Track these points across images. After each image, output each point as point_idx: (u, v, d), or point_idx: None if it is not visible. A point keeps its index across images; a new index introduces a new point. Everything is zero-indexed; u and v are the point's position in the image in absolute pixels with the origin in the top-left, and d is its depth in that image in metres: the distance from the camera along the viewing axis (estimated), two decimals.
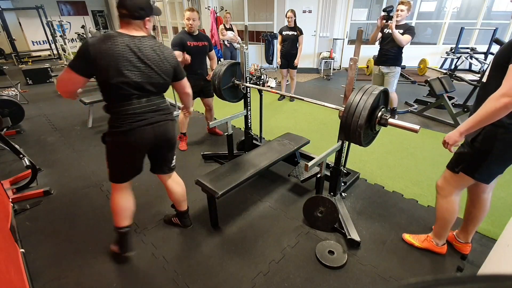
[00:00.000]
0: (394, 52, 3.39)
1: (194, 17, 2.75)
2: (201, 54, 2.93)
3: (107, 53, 1.30)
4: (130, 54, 1.36)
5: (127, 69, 1.35)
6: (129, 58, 1.36)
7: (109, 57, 1.30)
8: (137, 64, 1.38)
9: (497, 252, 1.26)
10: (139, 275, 1.69)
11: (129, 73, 1.36)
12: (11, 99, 3.83)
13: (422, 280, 0.25)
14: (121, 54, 1.33)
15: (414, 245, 1.83)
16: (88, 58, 1.28)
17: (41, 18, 8.91)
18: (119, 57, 1.33)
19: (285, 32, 4.35)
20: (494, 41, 4.11)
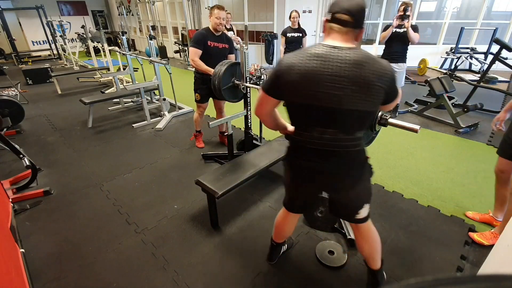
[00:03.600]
0: (402, 50, 3.62)
1: (224, 17, 2.67)
2: (219, 56, 2.80)
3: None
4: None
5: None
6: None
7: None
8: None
9: (497, 252, 1.26)
10: (139, 275, 1.69)
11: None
12: (11, 99, 3.83)
13: (422, 280, 0.25)
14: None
15: (484, 244, 1.84)
16: None
17: (41, 18, 8.91)
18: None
19: (289, 34, 4.24)
20: (494, 41, 4.11)
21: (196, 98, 2.98)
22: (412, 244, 1.88)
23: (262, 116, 1.29)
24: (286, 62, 1.06)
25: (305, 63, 1.02)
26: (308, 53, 1.03)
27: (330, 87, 1.02)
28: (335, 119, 1.08)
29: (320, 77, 1.01)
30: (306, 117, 1.12)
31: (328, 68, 1.01)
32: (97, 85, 6.19)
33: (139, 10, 10.88)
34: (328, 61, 1.01)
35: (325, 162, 1.17)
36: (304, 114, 1.11)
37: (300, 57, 1.04)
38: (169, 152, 3.19)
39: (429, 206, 2.24)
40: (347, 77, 1.00)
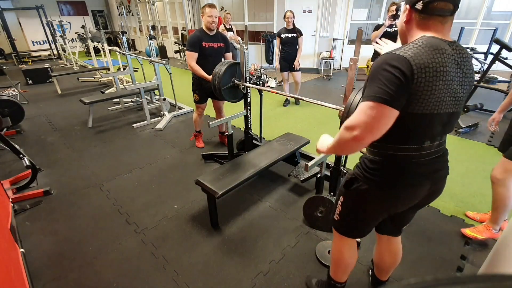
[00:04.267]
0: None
1: (216, 14, 2.64)
2: (216, 55, 2.80)
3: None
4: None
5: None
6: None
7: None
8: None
9: (497, 252, 1.26)
10: (139, 275, 1.69)
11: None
12: (11, 99, 3.83)
13: (422, 280, 0.25)
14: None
15: (478, 238, 1.87)
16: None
17: (41, 18, 8.92)
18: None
19: (283, 34, 4.18)
20: (494, 41, 4.11)
21: (195, 98, 2.98)
22: (412, 244, 1.88)
23: (379, 135, 0.87)
24: (418, 60, 0.82)
25: (437, 60, 0.85)
26: (433, 48, 0.85)
27: (458, 88, 0.91)
28: (452, 121, 0.98)
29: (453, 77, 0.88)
30: (426, 127, 0.92)
31: (454, 65, 0.88)
32: (97, 85, 6.19)
33: (139, 10, 10.89)
34: (450, 56, 0.87)
35: (437, 171, 1.05)
36: (425, 124, 0.91)
37: (430, 53, 0.84)
38: (169, 152, 3.19)
39: (429, 206, 2.24)
40: (467, 75, 0.93)
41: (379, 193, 1.04)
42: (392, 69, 0.82)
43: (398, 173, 0.99)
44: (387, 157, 0.99)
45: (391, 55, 0.84)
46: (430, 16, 0.87)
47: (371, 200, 1.08)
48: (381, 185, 1.02)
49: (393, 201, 1.06)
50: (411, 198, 1.06)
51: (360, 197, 1.10)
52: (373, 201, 1.08)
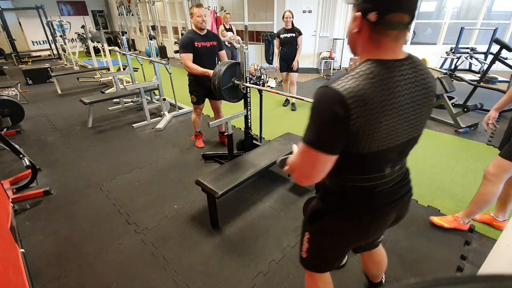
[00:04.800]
0: None
1: (205, 13, 2.64)
2: (210, 54, 2.80)
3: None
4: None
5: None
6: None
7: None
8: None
9: (497, 252, 1.26)
10: (139, 275, 1.69)
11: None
12: (11, 99, 3.83)
13: (422, 280, 0.25)
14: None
15: (444, 226, 1.96)
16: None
17: (41, 18, 8.92)
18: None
19: (282, 35, 4.16)
20: (494, 41, 4.11)
21: (192, 100, 2.98)
22: (412, 244, 1.88)
23: (317, 179, 0.83)
24: (357, 97, 0.70)
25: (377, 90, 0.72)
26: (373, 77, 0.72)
27: (414, 113, 0.80)
28: (410, 146, 0.90)
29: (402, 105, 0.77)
30: (380, 160, 0.84)
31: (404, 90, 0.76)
32: (97, 85, 6.19)
33: (139, 10, 10.88)
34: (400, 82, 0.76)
35: (403, 197, 0.97)
36: (378, 158, 0.83)
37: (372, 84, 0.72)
38: (169, 152, 3.19)
39: (429, 206, 2.24)
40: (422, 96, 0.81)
41: (346, 226, 0.96)
42: (326, 110, 0.73)
43: (362, 204, 0.92)
44: (347, 188, 0.91)
45: (328, 90, 0.72)
46: (384, 29, 0.72)
47: (339, 234, 0.99)
48: (347, 217, 0.95)
49: (363, 233, 0.99)
50: (380, 228, 1.01)
51: (327, 232, 1.01)
52: (342, 235, 0.99)
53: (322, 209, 0.99)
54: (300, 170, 0.83)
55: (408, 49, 3.65)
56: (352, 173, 0.87)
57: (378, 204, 0.92)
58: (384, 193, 0.90)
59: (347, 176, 0.88)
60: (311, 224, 1.03)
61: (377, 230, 1.01)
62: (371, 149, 0.78)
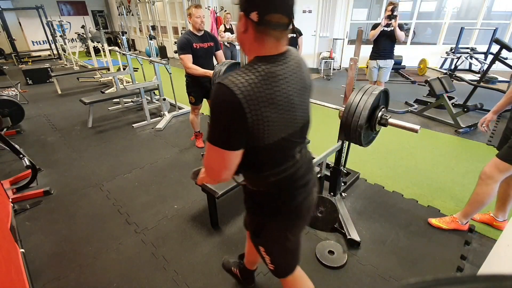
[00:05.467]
0: (390, 47, 3.86)
1: (203, 14, 2.63)
2: (207, 55, 2.79)
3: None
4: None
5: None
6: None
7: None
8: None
9: (497, 252, 1.26)
10: (139, 275, 1.69)
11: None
12: (11, 99, 3.83)
13: (422, 280, 0.25)
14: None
15: (442, 227, 1.96)
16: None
17: (41, 18, 8.92)
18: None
19: None
20: (494, 41, 4.11)
21: (191, 100, 2.97)
22: (412, 244, 1.88)
23: (227, 175, 0.88)
24: (249, 96, 0.74)
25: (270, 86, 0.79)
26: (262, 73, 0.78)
27: (300, 100, 0.88)
28: (305, 129, 0.96)
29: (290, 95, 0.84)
30: (287, 146, 0.90)
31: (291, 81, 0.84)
32: (97, 85, 6.19)
33: (139, 10, 10.88)
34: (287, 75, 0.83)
35: (312, 179, 1.04)
36: (285, 145, 0.88)
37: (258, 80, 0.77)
38: (169, 152, 3.19)
39: (429, 206, 2.24)
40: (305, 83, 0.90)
41: (285, 222, 1.01)
42: (223, 107, 0.76)
43: (288, 194, 0.95)
44: (270, 185, 0.93)
45: (221, 87, 0.75)
46: (266, 29, 0.77)
47: (285, 232, 1.03)
48: (282, 213, 0.98)
49: (301, 219, 1.04)
50: (311, 207, 1.07)
51: (275, 237, 1.03)
52: (287, 231, 1.03)
53: (258, 219, 1.03)
54: (210, 168, 0.87)
55: (408, 49, 3.70)
56: (271, 167, 0.90)
57: (300, 188, 0.97)
58: (301, 176, 0.97)
59: (267, 173, 0.91)
60: (258, 237, 1.05)
61: (310, 209, 1.07)
62: (275, 138, 0.83)
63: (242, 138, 0.79)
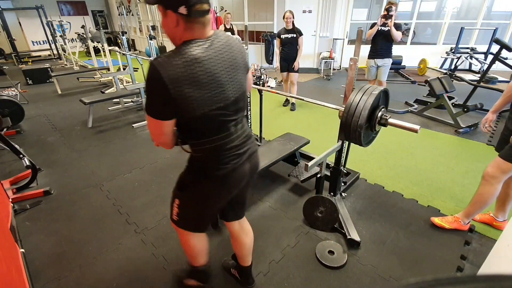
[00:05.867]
0: (387, 47, 3.88)
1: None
2: None
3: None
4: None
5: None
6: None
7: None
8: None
9: (497, 252, 1.26)
10: (139, 275, 1.69)
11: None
12: (11, 99, 3.83)
13: (422, 280, 0.25)
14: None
15: (445, 227, 1.96)
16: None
17: (41, 18, 8.91)
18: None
19: (283, 35, 4.16)
20: (494, 41, 4.11)
21: None
22: (412, 244, 1.88)
23: (165, 140, 1.06)
24: (171, 74, 0.87)
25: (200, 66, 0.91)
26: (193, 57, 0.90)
27: (228, 78, 1.00)
28: (239, 104, 1.08)
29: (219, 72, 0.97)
30: (216, 120, 1.02)
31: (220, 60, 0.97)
32: (97, 85, 6.19)
33: (139, 10, 10.88)
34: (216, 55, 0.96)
35: (249, 149, 1.16)
36: (213, 118, 1.00)
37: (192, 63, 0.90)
38: (169, 152, 3.19)
39: (429, 206, 2.24)
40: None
41: (211, 186, 1.12)
42: (152, 84, 0.88)
43: (219, 161, 1.07)
44: (205, 152, 1.06)
45: (151, 66, 0.86)
46: (194, 19, 0.89)
47: (205, 195, 1.15)
48: (210, 177, 1.10)
49: (226, 188, 1.15)
50: (239, 179, 1.16)
51: (195, 196, 1.16)
52: (210, 195, 1.16)
53: (189, 176, 1.17)
54: (152, 134, 1.01)
55: (408, 49, 3.72)
56: (205, 136, 1.03)
57: (231, 158, 1.09)
58: (234, 148, 1.09)
59: (202, 141, 1.04)
60: (181, 191, 1.19)
61: (238, 182, 1.17)
62: (202, 111, 0.94)
63: (169, 111, 0.93)
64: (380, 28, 3.73)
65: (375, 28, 3.76)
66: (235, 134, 1.08)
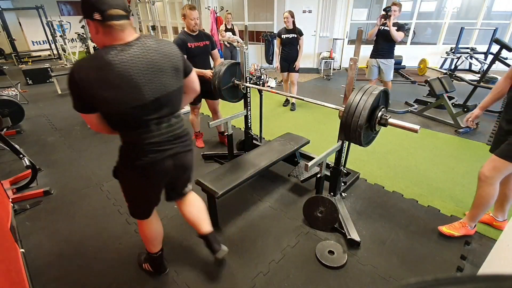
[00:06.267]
0: (388, 47, 3.87)
1: (198, 16, 2.65)
2: (204, 54, 2.80)
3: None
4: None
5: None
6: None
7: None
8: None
9: (497, 252, 1.26)
10: (139, 275, 1.69)
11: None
12: (11, 99, 3.83)
13: (422, 280, 0.25)
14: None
15: (455, 235, 1.90)
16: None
17: (41, 18, 8.91)
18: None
19: (284, 35, 4.15)
20: (494, 41, 4.11)
21: None
22: (412, 244, 1.88)
23: (98, 129, 1.22)
24: (82, 76, 1.02)
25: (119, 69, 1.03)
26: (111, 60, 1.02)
27: (146, 80, 1.10)
28: (163, 105, 1.18)
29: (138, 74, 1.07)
30: (135, 118, 1.13)
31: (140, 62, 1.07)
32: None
33: (139, 10, 10.89)
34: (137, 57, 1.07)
35: (174, 149, 1.27)
36: (130, 116, 1.12)
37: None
38: None
39: (429, 206, 2.24)
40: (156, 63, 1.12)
41: (132, 173, 1.26)
42: (68, 84, 1.03)
43: (137, 153, 1.19)
44: (127, 143, 1.21)
45: (71, 69, 1.02)
46: (111, 23, 1.00)
47: (132, 182, 1.31)
48: (131, 167, 1.23)
49: (148, 179, 1.27)
50: (160, 173, 1.27)
51: (126, 183, 1.33)
52: (134, 183, 1.30)
53: (119, 162, 1.29)
54: (86, 123, 1.17)
55: (408, 49, 3.71)
56: (125, 130, 1.16)
57: (149, 152, 1.19)
58: (153, 144, 1.19)
59: (125, 133, 1.18)
60: (116, 177, 1.35)
61: (160, 176, 1.29)
62: (118, 109, 1.07)
63: (86, 106, 1.08)
64: (382, 28, 3.76)
65: (375, 29, 3.79)
66: (157, 131, 1.18)
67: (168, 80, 1.16)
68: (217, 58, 2.95)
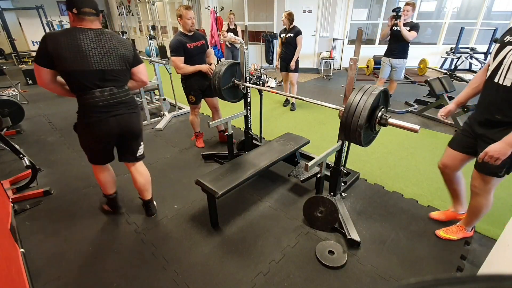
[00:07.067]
0: (400, 47, 3.94)
1: (194, 16, 2.68)
2: (201, 53, 2.84)
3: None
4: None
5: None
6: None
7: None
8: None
9: (497, 252, 1.26)
10: (139, 275, 1.69)
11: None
12: (11, 99, 3.83)
13: (422, 280, 0.25)
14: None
15: (453, 239, 1.89)
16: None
17: (41, 18, 8.91)
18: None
19: (282, 34, 4.24)
20: (494, 41, 4.12)
21: (191, 100, 2.96)
22: (412, 244, 1.88)
23: (44, 84, 1.60)
24: (52, 38, 1.47)
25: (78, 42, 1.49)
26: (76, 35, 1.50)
27: (94, 55, 1.54)
28: (107, 76, 1.61)
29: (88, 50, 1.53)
30: (83, 80, 1.55)
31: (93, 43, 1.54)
32: None
33: (139, 10, 10.88)
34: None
35: (118, 112, 1.69)
36: (80, 78, 1.55)
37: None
38: (169, 152, 3.19)
39: (429, 206, 2.24)
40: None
41: (84, 128, 1.68)
42: (41, 41, 1.45)
43: (85, 113, 1.62)
44: (80, 105, 1.62)
45: (47, 33, 1.50)
46: (84, 16, 1.51)
47: (83, 135, 1.73)
48: (81, 123, 1.67)
49: (93, 134, 1.68)
50: (106, 130, 1.68)
51: (81, 135, 1.74)
52: (84, 136, 1.73)
53: (77, 118, 1.67)
54: (36, 77, 1.54)
55: (408, 49, 3.64)
56: (76, 92, 1.59)
57: (95, 113, 1.62)
58: (98, 107, 1.61)
59: (78, 96, 1.60)
60: (75, 131, 1.73)
61: (105, 131, 1.68)
62: (68, 68, 1.49)
63: (47, 61, 1.47)
64: (394, 28, 3.84)
65: (387, 29, 3.90)
66: (101, 98, 1.60)
67: (113, 61, 1.60)
68: (210, 53, 3.00)
